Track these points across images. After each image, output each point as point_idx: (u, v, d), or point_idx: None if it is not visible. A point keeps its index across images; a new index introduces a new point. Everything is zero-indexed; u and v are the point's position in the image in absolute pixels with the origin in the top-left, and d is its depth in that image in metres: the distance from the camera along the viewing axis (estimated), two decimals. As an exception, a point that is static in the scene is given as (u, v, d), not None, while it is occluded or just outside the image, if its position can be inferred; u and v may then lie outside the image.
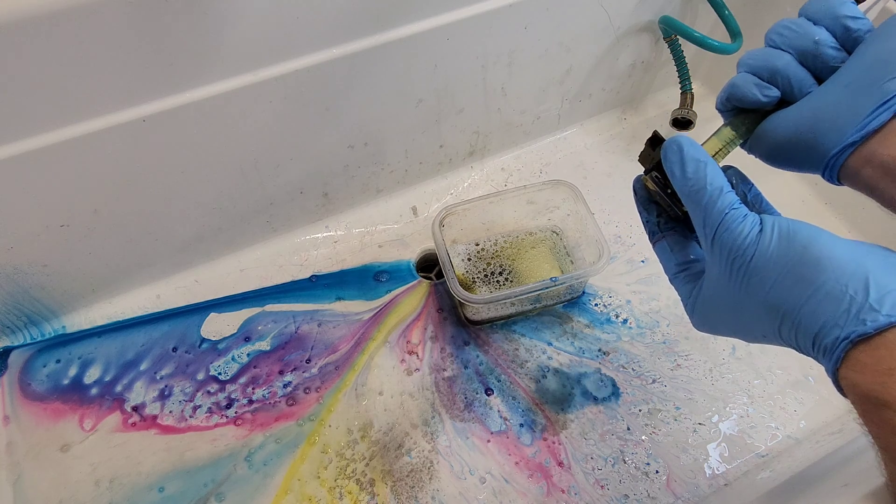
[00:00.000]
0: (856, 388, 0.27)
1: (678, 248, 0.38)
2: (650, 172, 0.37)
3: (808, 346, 0.29)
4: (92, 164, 0.50)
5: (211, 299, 0.64)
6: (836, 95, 0.31)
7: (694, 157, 0.33)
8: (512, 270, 0.65)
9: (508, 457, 0.55)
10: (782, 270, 0.29)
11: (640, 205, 0.40)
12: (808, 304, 0.28)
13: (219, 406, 0.58)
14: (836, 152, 0.31)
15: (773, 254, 0.30)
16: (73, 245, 0.56)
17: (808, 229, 0.30)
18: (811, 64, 0.33)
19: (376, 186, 0.70)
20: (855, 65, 0.31)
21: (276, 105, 0.54)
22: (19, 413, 0.57)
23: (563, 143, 0.78)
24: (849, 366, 0.27)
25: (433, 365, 0.60)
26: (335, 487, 0.53)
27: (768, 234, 0.30)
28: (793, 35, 0.33)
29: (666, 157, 0.34)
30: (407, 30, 0.55)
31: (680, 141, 0.34)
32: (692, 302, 0.37)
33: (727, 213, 0.31)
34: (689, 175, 0.33)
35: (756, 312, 0.31)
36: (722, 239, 0.32)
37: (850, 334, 0.27)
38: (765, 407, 0.57)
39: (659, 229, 0.39)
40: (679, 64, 0.71)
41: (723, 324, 0.35)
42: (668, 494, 0.53)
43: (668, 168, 0.34)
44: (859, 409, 0.28)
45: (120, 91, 0.47)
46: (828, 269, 0.28)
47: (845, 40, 0.32)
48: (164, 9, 0.44)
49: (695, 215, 0.33)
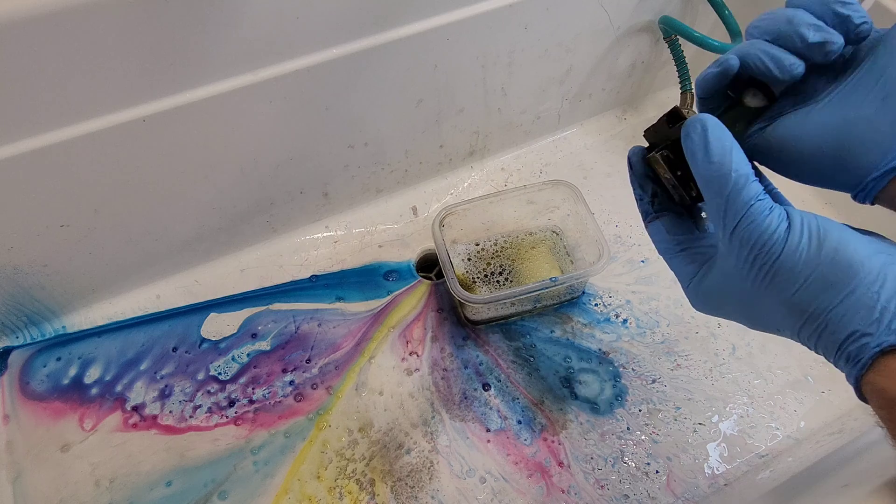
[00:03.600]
0: (883, 393, 0.27)
1: (675, 228, 0.36)
2: (660, 151, 0.34)
3: (830, 349, 0.29)
4: (92, 164, 0.50)
5: (211, 299, 0.64)
6: (872, 108, 0.29)
7: (720, 139, 0.30)
8: (512, 270, 0.65)
9: (508, 456, 0.55)
10: (812, 273, 0.28)
11: (634, 180, 0.38)
12: (837, 309, 0.27)
13: (219, 406, 0.58)
14: (879, 175, 0.29)
15: (802, 254, 0.28)
16: (73, 245, 0.56)
17: (838, 230, 0.28)
18: (790, 45, 0.30)
19: (376, 186, 0.70)
20: (889, 73, 0.28)
21: (276, 105, 0.54)
22: (19, 412, 0.57)
23: (563, 143, 0.78)
24: (876, 371, 0.27)
25: (433, 365, 0.60)
26: (335, 487, 0.53)
27: (798, 231, 0.28)
28: (766, 20, 0.31)
29: (688, 135, 0.31)
30: (407, 30, 0.55)
31: (705, 120, 0.31)
32: (696, 284, 0.35)
33: (752, 205, 0.29)
34: (713, 159, 0.30)
35: (774, 309, 0.30)
36: (746, 231, 0.29)
37: (882, 343, 0.26)
38: (765, 407, 0.57)
39: (653, 209, 0.37)
40: (679, 64, 0.71)
41: (729, 310, 0.34)
42: (668, 494, 0.53)
43: (688, 149, 0.31)
44: (885, 413, 0.27)
45: (120, 91, 0.47)
46: (859, 275, 0.27)
47: (838, 27, 0.30)
48: (164, 9, 0.44)
49: (714, 203, 0.31)
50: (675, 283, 0.36)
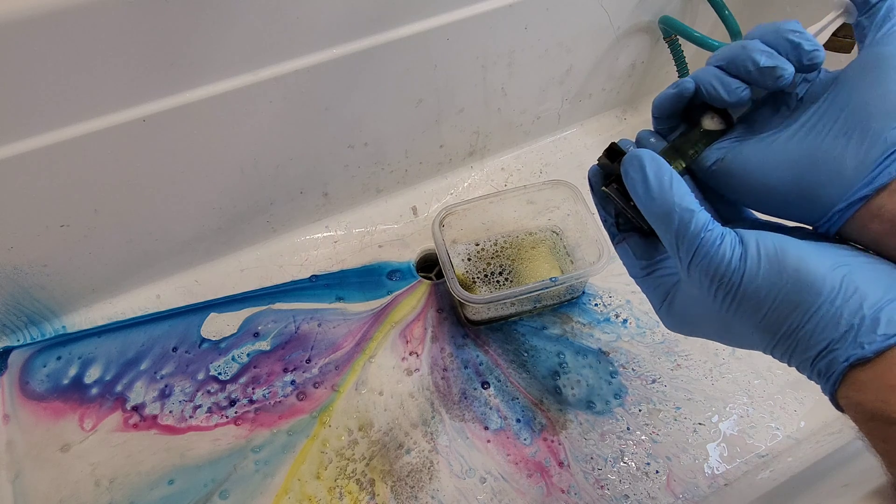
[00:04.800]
0: (859, 407, 0.27)
1: (641, 251, 0.36)
2: (609, 185, 0.34)
3: (804, 367, 0.29)
4: (92, 164, 0.50)
5: (211, 299, 0.64)
6: (834, 142, 0.29)
7: (658, 175, 0.30)
8: (512, 270, 0.65)
9: (508, 457, 0.55)
10: (776, 297, 0.28)
11: (596, 201, 0.37)
12: (805, 329, 0.27)
13: (219, 406, 0.58)
14: (843, 207, 0.29)
15: (763, 280, 0.28)
16: (73, 245, 0.56)
17: (795, 248, 0.28)
18: (742, 72, 0.31)
19: (376, 186, 0.70)
20: (848, 107, 0.29)
21: (276, 105, 0.54)
22: (19, 412, 0.57)
23: (563, 143, 0.78)
24: (849, 385, 0.27)
25: (433, 365, 0.60)
26: (335, 487, 0.53)
27: (754, 256, 0.28)
28: (722, 51, 0.32)
29: (626, 174, 0.31)
30: (407, 30, 0.55)
31: (641, 156, 0.31)
32: (665, 309, 0.35)
33: (702, 237, 0.29)
34: (654, 196, 0.30)
35: (745, 332, 0.30)
36: (702, 265, 0.29)
37: (850, 357, 0.26)
38: (765, 407, 0.57)
39: (619, 230, 0.37)
40: (679, 64, 0.71)
41: (702, 333, 0.34)
42: (668, 494, 0.53)
43: (629, 186, 0.31)
44: (863, 427, 0.27)
45: (120, 91, 0.47)
46: (822, 293, 0.27)
47: (791, 56, 0.30)
48: (163, 9, 0.44)
49: (665, 239, 0.31)
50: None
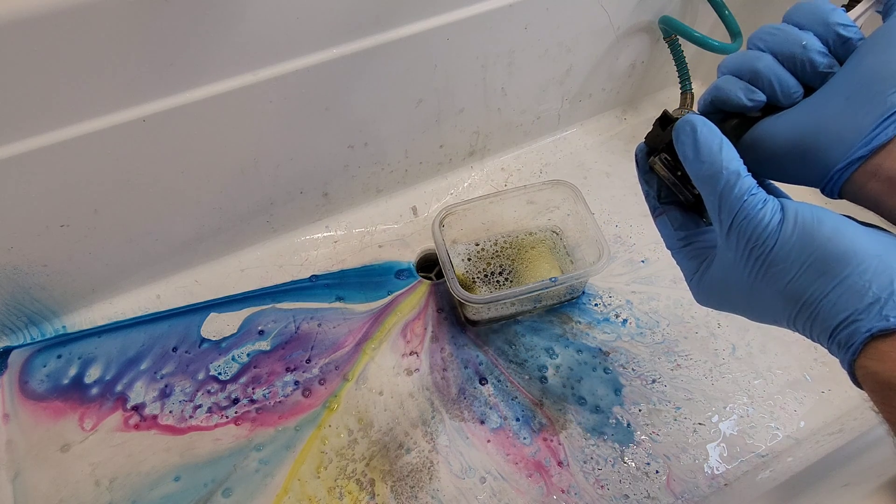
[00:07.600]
0: (876, 377, 0.27)
1: (680, 223, 0.37)
2: (659, 154, 0.35)
3: (823, 337, 0.29)
4: (92, 164, 0.50)
5: (211, 299, 0.64)
6: (837, 107, 0.30)
7: (708, 139, 0.31)
8: (512, 270, 0.65)
9: (508, 456, 0.55)
10: (805, 262, 0.29)
11: (641, 176, 0.39)
12: (829, 297, 0.28)
13: (219, 406, 0.58)
14: (842, 167, 0.30)
15: (795, 245, 0.29)
16: (73, 245, 0.56)
17: (832, 219, 0.29)
18: (797, 69, 0.32)
19: (376, 186, 0.70)
20: (853, 75, 0.30)
21: (276, 105, 0.54)
22: (19, 412, 0.57)
23: (563, 143, 0.78)
24: (868, 355, 0.27)
25: (433, 365, 0.60)
26: (335, 487, 0.53)
27: (791, 222, 0.29)
28: (777, 38, 0.32)
29: (678, 138, 0.33)
30: (407, 30, 0.55)
31: (693, 121, 0.32)
32: (697, 279, 0.36)
33: (745, 199, 0.30)
34: (703, 158, 0.31)
35: (771, 299, 0.31)
36: (741, 226, 0.30)
37: (872, 328, 0.27)
38: (765, 407, 0.57)
39: (659, 203, 0.38)
40: (679, 64, 0.71)
41: (730, 304, 0.34)
42: (668, 494, 0.53)
43: (680, 150, 0.33)
44: (878, 397, 0.28)
45: (120, 91, 0.47)
46: (852, 263, 0.28)
47: (837, 48, 0.31)
48: (163, 9, 0.44)
49: (709, 201, 0.32)
50: (675, 283, 0.37)
